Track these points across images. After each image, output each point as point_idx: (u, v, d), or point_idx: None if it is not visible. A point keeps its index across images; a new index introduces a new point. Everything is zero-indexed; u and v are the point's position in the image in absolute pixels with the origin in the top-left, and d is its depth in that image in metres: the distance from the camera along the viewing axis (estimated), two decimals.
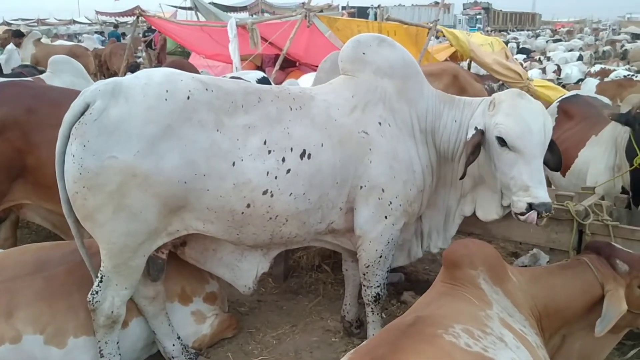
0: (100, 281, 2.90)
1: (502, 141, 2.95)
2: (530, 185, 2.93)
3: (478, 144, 2.99)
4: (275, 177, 2.86)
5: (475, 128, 3.02)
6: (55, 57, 5.74)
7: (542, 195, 2.94)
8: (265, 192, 2.86)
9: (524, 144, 2.92)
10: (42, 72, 6.39)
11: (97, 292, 2.90)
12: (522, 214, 2.96)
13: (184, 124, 2.72)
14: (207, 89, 2.84)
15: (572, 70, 13.83)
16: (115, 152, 2.61)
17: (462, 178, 3.08)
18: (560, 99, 5.26)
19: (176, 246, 3.16)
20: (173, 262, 3.27)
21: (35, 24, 38.37)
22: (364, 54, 3.23)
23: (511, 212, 3.08)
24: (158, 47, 15.13)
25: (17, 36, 12.43)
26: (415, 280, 4.52)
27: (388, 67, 3.19)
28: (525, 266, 4.66)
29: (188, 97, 2.76)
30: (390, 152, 3.09)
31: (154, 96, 2.71)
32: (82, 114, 2.68)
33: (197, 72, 5.95)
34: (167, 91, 2.73)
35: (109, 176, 2.62)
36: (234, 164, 2.80)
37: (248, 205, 2.85)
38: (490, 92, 7.50)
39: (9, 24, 33.23)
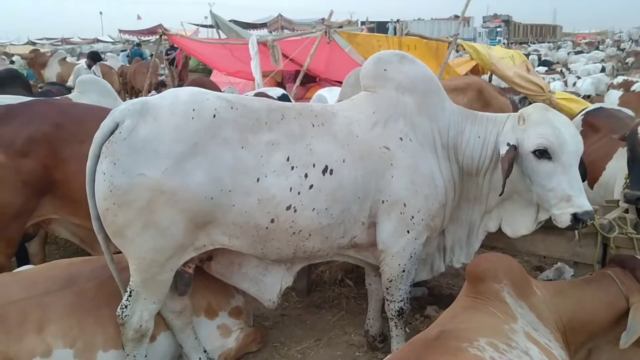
0: (129, 295, 2.96)
1: (540, 153, 2.97)
2: (572, 194, 2.96)
3: (512, 159, 3.00)
4: (299, 193, 2.91)
5: (508, 144, 3.02)
6: (83, 77, 5.87)
7: (585, 203, 2.97)
8: (288, 208, 2.90)
9: (563, 151, 2.96)
10: (70, 89, 6.53)
11: (126, 307, 2.96)
12: (570, 227, 2.99)
13: (210, 142, 2.79)
14: (232, 107, 2.91)
15: (584, 83, 13.68)
16: (144, 170, 2.68)
17: (501, 194, 3.06)
18: (584, 111, 5.21)
19: (202, 261, 3.22)
20: (199, 277, 3.32)
21: (60, 43, 39.13)
22: (385, 70, 3.27)
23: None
24: (180, 65, 15.38)
25: (92, 58, 12.39)
26: (439, 294, 4.51)
27: (409, 83, 3.23)
28: (550, 280, 4.62)
29: (214, 116, 2.83)
30: (412, 167, 3.11)
31: (182, 115, 2.78)
32: (112, 133, 2.76)
33: (218, 89, 6.06)
34: (193, 110, 2.81)
35: (138, 193, 2.69)
36: (258, 180, 2.85)
37: (272, 221, 2.90)
38: (513, 105, 7.48)
39: (33, 44, 33.97)
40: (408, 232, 3.17)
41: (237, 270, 3.24)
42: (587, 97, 12.04)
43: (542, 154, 2.98)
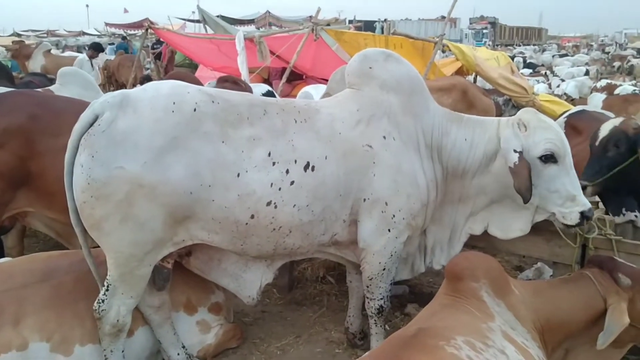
0: (107, 290, 2.93)
1: (546, 158, 3.05)
2: (576, 194, 3.10)
3: (529, 166, 3.02)
4: (279, 189, 2.90)
5: (515, 151, 3.03)
6: (64, 69, 5.76)
7: (587, 201, 3.13)
8: (269, 204, 2.89)
9: (566, 154, 3.09)
10: (52, 80, 6.44)
11: (103, 301, 2.93)
12: (577, 224, 3.11)
13: (190, 136, 2.77)
14: (213, 101, 2.89)
15: (568, 86, 13.90)
16: (123, 163, 2.65)
17: (527, 202, 3.05)
18: (567, 114, 5.25)
19: (181, 256, 3.20)
20: (179, 272, 3.30)
21: (45, 35, 38.66)
22: (370, 68, 3.26)
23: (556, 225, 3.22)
24: (166, 59, 15.26)
25: (95, 49, 12.21)
26: (419, 292, 4.52)
27: (394, 82, 3.22)
28: (530, 280, 4.66)
29: (195, 109, 2.81)
30: (395, 166, 3.11)
31: (162, 108, 2.76)
32: (91, 125, 2.73)
33: (199, 84, 6.00)
34: (174, 103, 2.78)
35: (116, 186, 2.66)
36: (238, 175, 2.84)
37: (252, 216, 2.88)
38: (497, 106, 7.52)
39: (19, 35, 33.54)
40: (389, 230, 3.16)
41: (217, 266, 3.22)
42: (570, 100, 12.19)
43: (549, 158, 3.06)
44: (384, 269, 3.26)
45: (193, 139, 2.77)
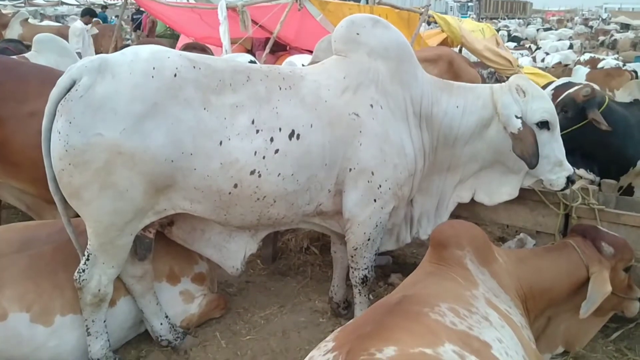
0: (87, 259, 2.88)
1: (542, 124, 3.17)
2: (562, 159, 3.26)
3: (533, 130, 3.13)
4: (263, 157, 2.85)
5: (516, 116, 3.12)
6: (40, 35, 5.58)
7: (570, 166, 3.28)
8: (252, 172, 2.84)
9: (556, 123, 3.24)
10: (28, 47, 6.26)
11: (83, 271, 2.88)
12: (564, 188, 3.26)
13: (171, 102, 2.70)
14: (194, 67, 2.81)
15: (553, 59, 14.02)
16: (101, 130, 2.58)
17: (533, 167, 3.13)
18: (554, 85, 5.28)
19: (164, 226, 3.15)
20: (162, 242, 3.25)
21: (23, 4, 37.68)
22: (357, 34, 3.19)
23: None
24: (146, 29, 14.96)
25: (91, 14, 11.89)
26: (403, 263, 4.54)
27: (382, 49, 3.16)
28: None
29: (175, 75, 2.73)
30: (381, 135, 3.07)
31: (141, 73, 2.68)
32: (69, 90, 2.64)
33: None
34: (154, 68, 2.71)
35: (94, 153, 2.60)
36: (221, 143, 2.78)
37: (235, 186, 2.84)
38: (481, 78, 7.50)
39: None
40: (375, 200, 3.14)
41: (200, 236, 3.18)
42: (560, 66, 12.27)
43: (544, 125, 3.17)
44: (368, 239, 3.24)
45: (173, 105, 2.70)
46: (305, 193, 3.03)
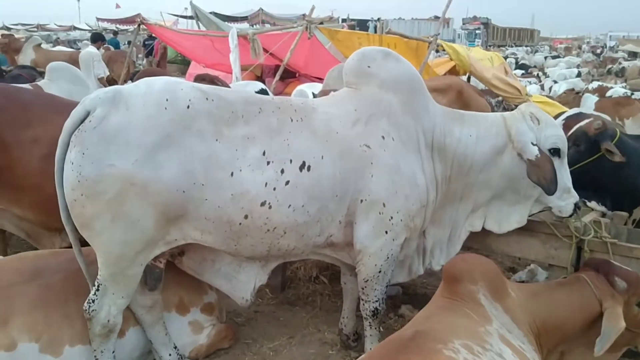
0: (97, 290, 2.88)
1: (554, 151, 3.22)
2: (570, 185, 3.32)
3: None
4: (274, 189, 2.85)
5: (532, 143, 3.18)
6: (53, 63, 5.66)
7: (575, 193, 3.33)
8: (263, 204, 2.84)
9: (566, 151, 3.30)
10: (41, 73, 6.33)
11: (93, 301, 2.88)
12: (571, 215, 3.31)
13: (183, 133, 2.72)
14: (207, 98, 2.84)
15: (560, 87, 13.98)
16: (114, 161, 2.60)
17: (553, 193, 3.19)
18: (565, 116, 5.26)
19: (174, 256, 3.15)
20: (171, 272, 3.25)
21: (35, 29, 38.35)
22: (368, 67, 3.21)
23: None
24: (158, 55, 15.15)
25: (102, 40, 12.02)
26: (413, 293, 4.50)
27: (393, 81, 3.18)
28: (523, 281, 4.64)
29: (188, 106, 2.76)
30: (393, 167, 3.07)
31: (154, 105, 2.71)
32: (83, 121, 2.67)
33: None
34: (167, 100, 2.73)
35: (107, 184, 2.61)
36: (232, 174, 2.79)
37: (246, 217, 2.84)
38: (490, 107, 7.50)
39: (8, 29, 33.24)
40: (386, 232, 3.13)
41: (210, 266, 3.17)
42: (572, 93, 12.22)
43: (556, 152, 3.23)
44: (379, 272, 3.22)
45: (186, 137, 2.72)
46: (316, 224, 3.02)
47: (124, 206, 2.66)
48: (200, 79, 5.25)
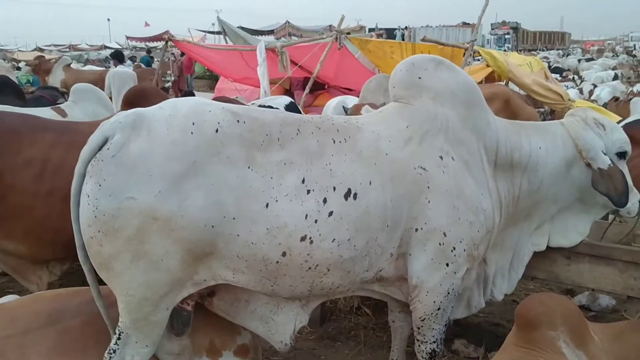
0: (118, 338, 2.56)
1: (621, 154, 3.14)
2: (632, 184, 3.17)
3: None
4: (315, 221, 2.50)
5: (603, 152, 3.06)
6: (78, 85, 5.53)
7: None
8: (303, 239, 2.49)
9: (630, 150, 3.21)
10: (65, 94, 6.20)
11: (114, 351, 2.56)
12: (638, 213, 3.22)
13: (211, 160, 2.40)
14: (238, 121, 2.51)
15: (602, 92, 13.44)
16: (134, 193, 2.29)
17: (624, 205, 3.09)
18: (623, 123, 4.89)
19: (203, 297, 2.81)
20: (201, 311, 2.92)
21: (67, 49, 39.25)
22: (419, 78, 2.88)
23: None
24: (189, 71, 15.14)
25: (119, 59, 12.11)
26: (466, 324, 4.11)
27: (449, 93, 2.85)
28: (583, 306, 4.26)
29: (216, 130, 2.44)
30: (454, 190, 2.73)
31: (179, 129, 2.39)
32: (101, 148, 2.37)
33: (162, 98, 5.66)
34: (193, 124, 2.42)
35: (126, 219, 2.30)
36: (267, 205, 2.45)
37: (284, 254, 2.50)
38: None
39: (41, 50, 34.07)
40: (447, 265, 2.77)
41: (244, 307, 2.82)
42: (604, 105, 11.69)
43: (622, 155, 3.14)
44: (438, 309, 2.86)
45: (215, 164, 2.40)
46: (364, 259, 2.66)
47: (145, 244, 2.34)
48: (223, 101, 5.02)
